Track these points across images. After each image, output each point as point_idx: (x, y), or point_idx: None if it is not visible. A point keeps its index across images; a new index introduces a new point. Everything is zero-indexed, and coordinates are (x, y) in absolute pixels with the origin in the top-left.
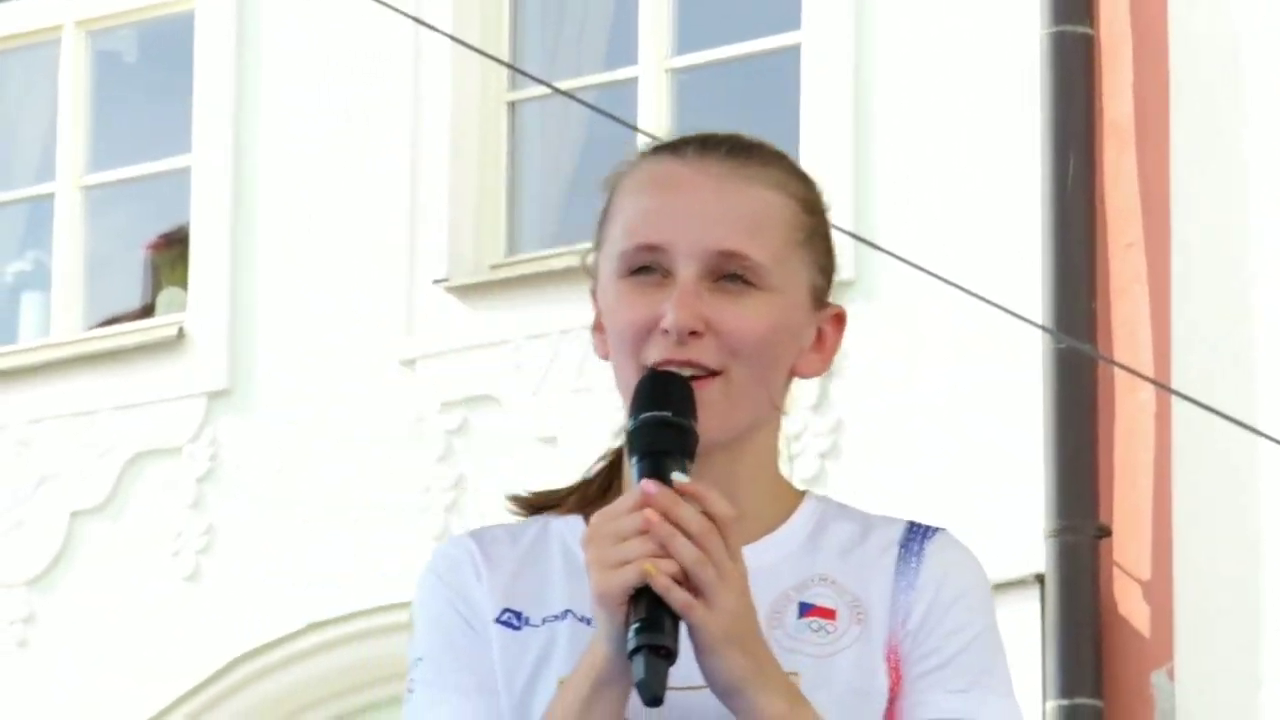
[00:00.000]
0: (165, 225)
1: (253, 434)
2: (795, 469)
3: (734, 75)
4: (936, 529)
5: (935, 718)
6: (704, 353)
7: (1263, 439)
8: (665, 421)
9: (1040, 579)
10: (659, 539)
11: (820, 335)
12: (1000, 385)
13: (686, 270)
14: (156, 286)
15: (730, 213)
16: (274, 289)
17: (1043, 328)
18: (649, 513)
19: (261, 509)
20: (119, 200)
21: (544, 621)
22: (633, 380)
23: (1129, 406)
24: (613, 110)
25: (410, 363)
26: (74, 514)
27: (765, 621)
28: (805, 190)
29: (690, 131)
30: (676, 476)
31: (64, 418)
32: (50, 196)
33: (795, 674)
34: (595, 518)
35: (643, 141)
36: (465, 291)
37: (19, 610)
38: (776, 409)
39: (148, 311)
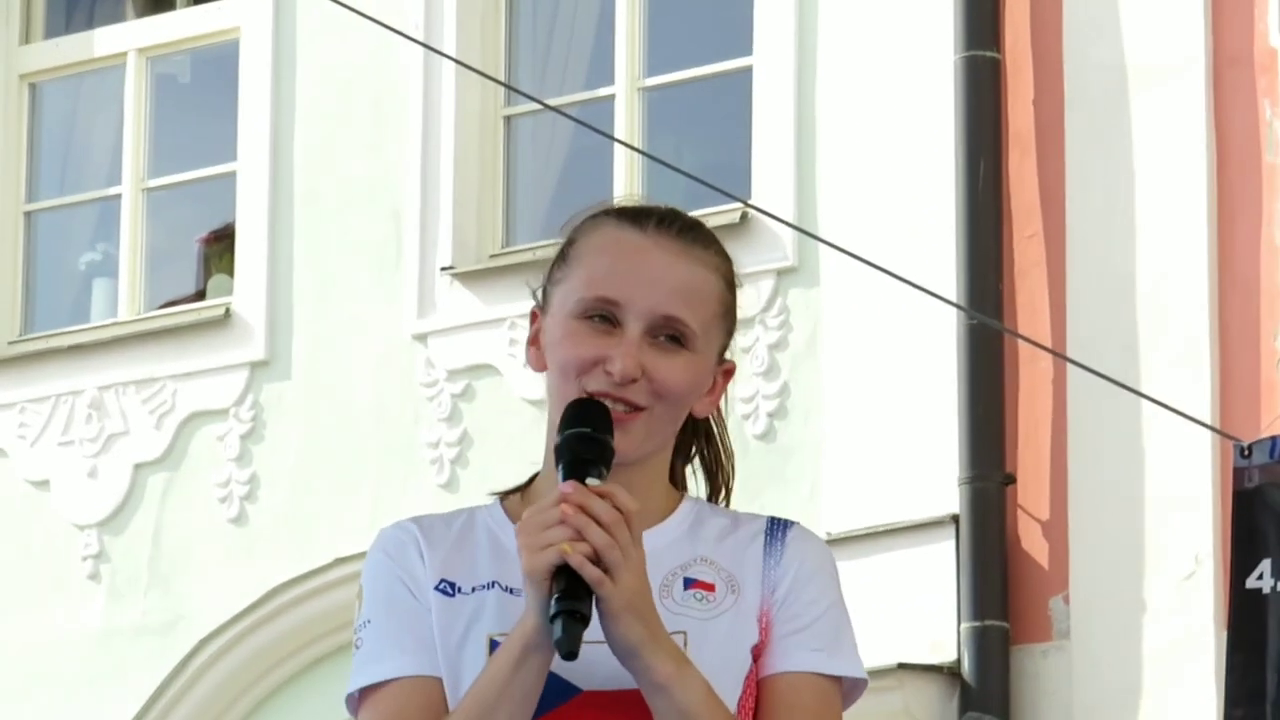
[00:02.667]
0: (215, 222)
1: (289, 398)
2: (747, 428)
3: (696, 93)
4: (792, 522)
5: (800, 669)
6: (636, 394)
7: (1144, 399)
8: (588, 436)
9: (955, 520)
10: (576, 526)
11: (715, 383)
12: (921, 355)
13: (634, 326)
14: (207, 274)
15: (676, 284)
16: (306, 276)
17: (957, 306)
18: (566, 507)
19: (296, 462)
20: (175, 201)
21: (474, 590)
22: (566, 398)
23: (1031, 372)
24: (593, 123)
25: (422, 337)
26: (137, 466)
27: (656, 593)
28: (728, 269)
29: (668, 143)
30: (591, 480)
31: (129, 384)
32: (117, 197)
33: (682, 632)
34: (526, 513)
35: (620, 150)
36: (468, 277)
37: (91, 548)
38: (672, 438)
39: (200, 295)
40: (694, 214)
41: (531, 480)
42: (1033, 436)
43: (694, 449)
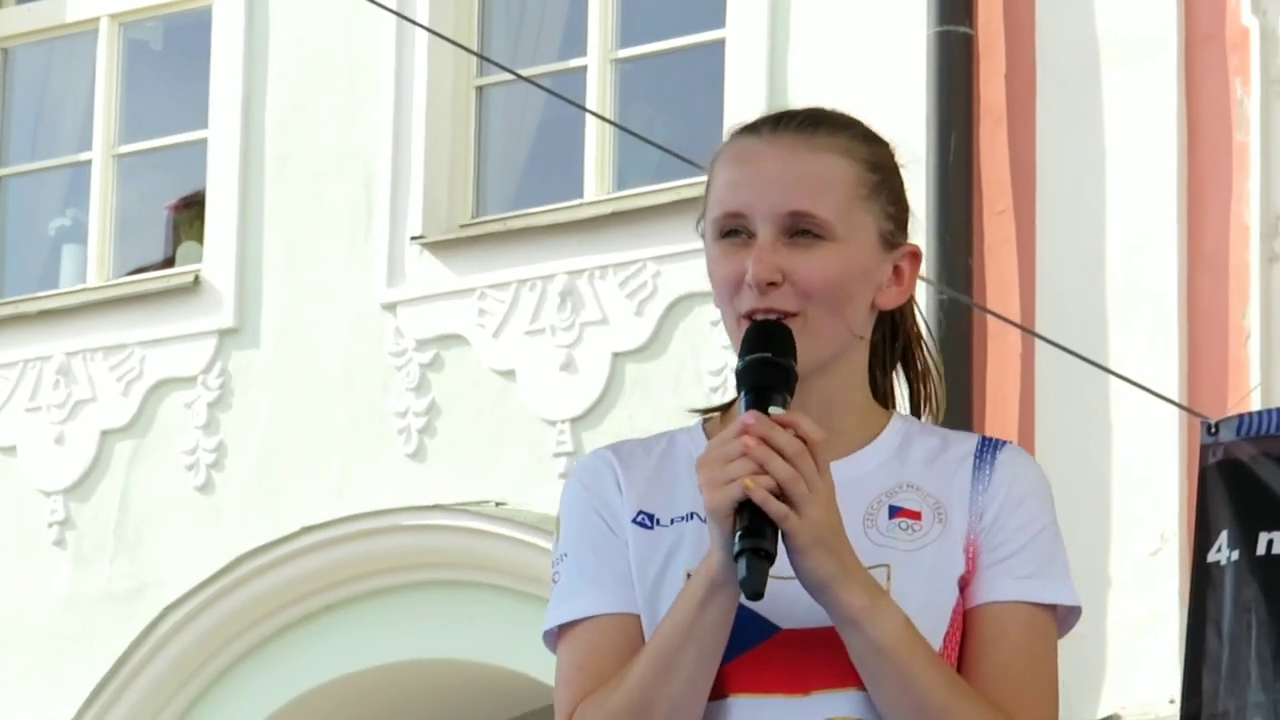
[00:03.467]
0: (185, 189)
1: (257, 366)
2: (717, 399)
3: (669, 65)
4: (1004, 442)
5: (1005, 598)
6: (783, 300)
7: (1112, 376)
8: (767, 361)
9: None
10: (758, 460)
11: (897, 271)
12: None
13: (763, 230)
14: (176, 241)
15: (797, 178)
16: (276, 244)
17: (927, 280)
18: (748, 439)
19: (264, 430)
20: (145, 167)
21: (673, 522)
22: (732, 324)
23: (999, 348)
24: (566, 94)
25: (391, 306)
26: (104, 432)
27: (860, 522)
28: (870, 152)
29: (641, 115)
30: (773, 409)
31: (97, 351)
32: (87, 163)
33: (886, 565)
34: (706, 446)
35: (592, 122)
36: (438, 246)
37: (58, 514)
38: (859, 338)
39: (169, 262)
40: (665, 186)
41: (734, 400)
42: (1001, 412)
43: (894, 356)
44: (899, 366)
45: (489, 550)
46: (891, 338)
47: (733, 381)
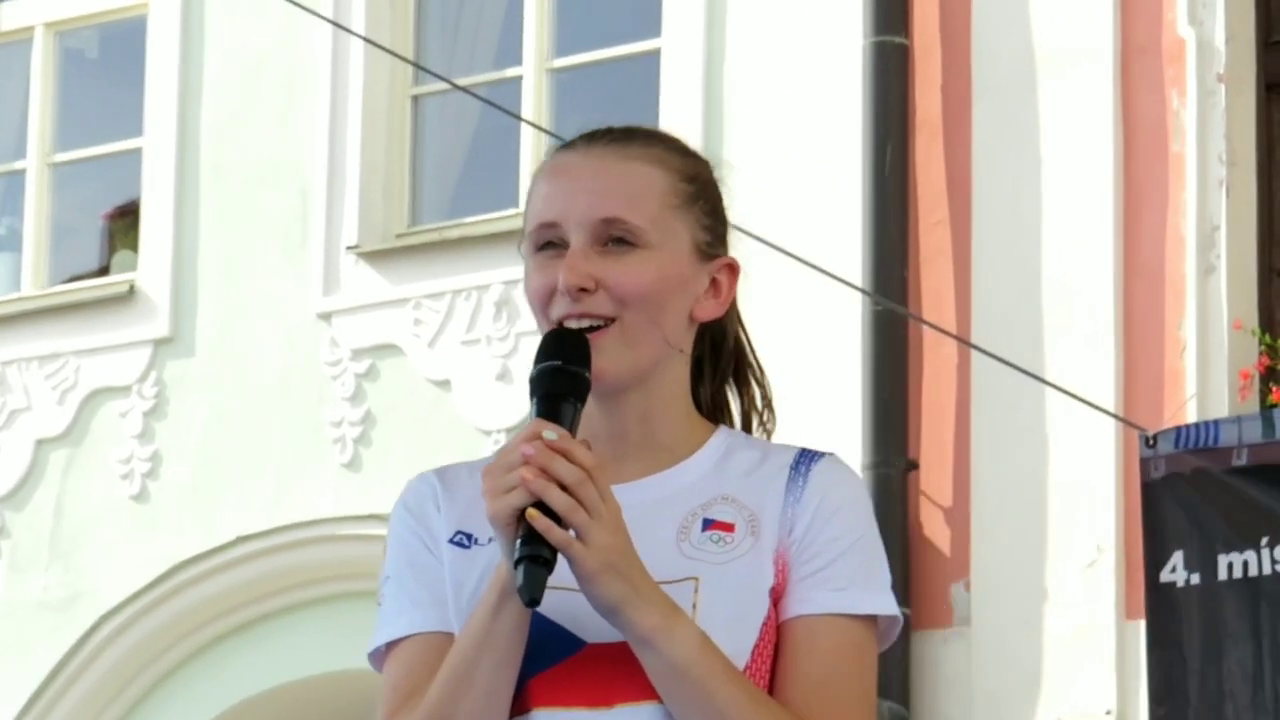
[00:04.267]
0: (120, 198)
1: (192, 375)
2: None
3: (604, 75)
4: (823, 454)
5: (817, 611)
6: (597, 305)
7: (1048, 387)
8: (558, 370)
9: None
10: (535, 492)
11: (714, 283)
12: (827, 340)
13: (576, 238)
14: (112, 250)
15: (609, 187)
16: (211, 253)
17: (863, 291)
18: (525, 471)
19: (199, 439)
20: (80, 176)
21: (489, 541)
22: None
23: (935, 359)
24: (501, 103)
25: (327, 316)
26: (39, 441)
27: (675, 535)
28: (685, 163)
29: (576, 124)
30: (548, 434)
31: (31, 360)
32: (22, 172)
33: (695, 578)
34: (494, 455)
35: (528, 131)
36: (374, 256)
37: None
38: (678, 350)
39: (104, 271)
40: None
41: None
42: (936, 423)
43: (717, 370)
44: (731, 382)
45: None
46: (714, 352)
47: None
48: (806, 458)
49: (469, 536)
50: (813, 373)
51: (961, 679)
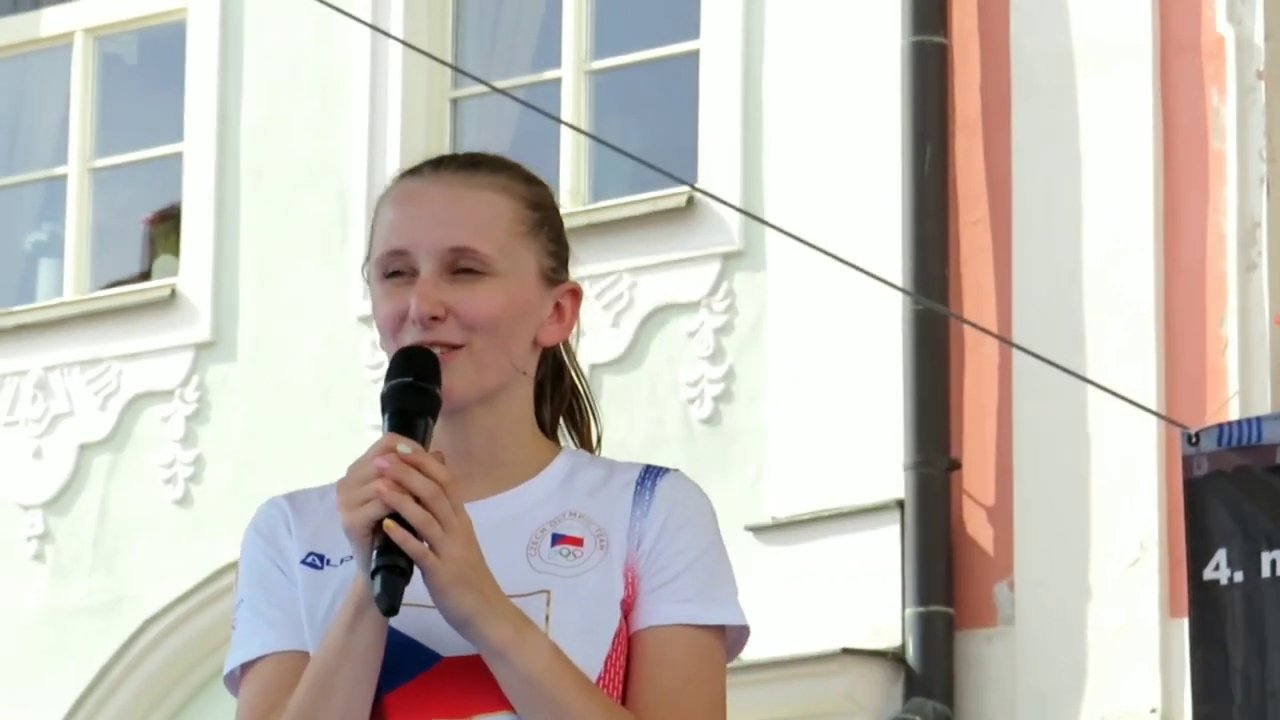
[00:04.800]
0: (160, 202)
1: (234, 379)
2: (693, 412)
3: (643, 76)
4: (669, 470)
5: (666, 622)
6: (447, 333)
7: (1090, 385)
8: (409, 386)
9: (900, 505)
10: (391, 505)
11: (558, 308)
12: (867, 340)
13: (426, 266)
14: (153, 254)
15: (458, 215)
16: (252, 257)
17: (904, 290)
18: (380, 484)
19: (241, 443)
20: (121, 181)
21: (342, 561)
22: None
23: (976, 358)
24: (540, 106)
25: (367, 319)
26: (82, 446)
27: (524, 550)
28: (529, 191)
29: (616, 126)
30: (402, 448)
31: (74, 365)
32: (63, 177)
33: (547, 591)
34: (347, 470)
35: (567, 133)
36: None
37: (36, 528)
38: (522, 372)
39: (145, 276)
40: (640, 198)
41: None
42: (978, 422)
43: (557, 392)
44: (580, 404)
45: None
46: (556, 375)
47: (708, 391)
48: (652, 473)
49: (321, 558)
50: (854, 373)
51: (1005, 678)
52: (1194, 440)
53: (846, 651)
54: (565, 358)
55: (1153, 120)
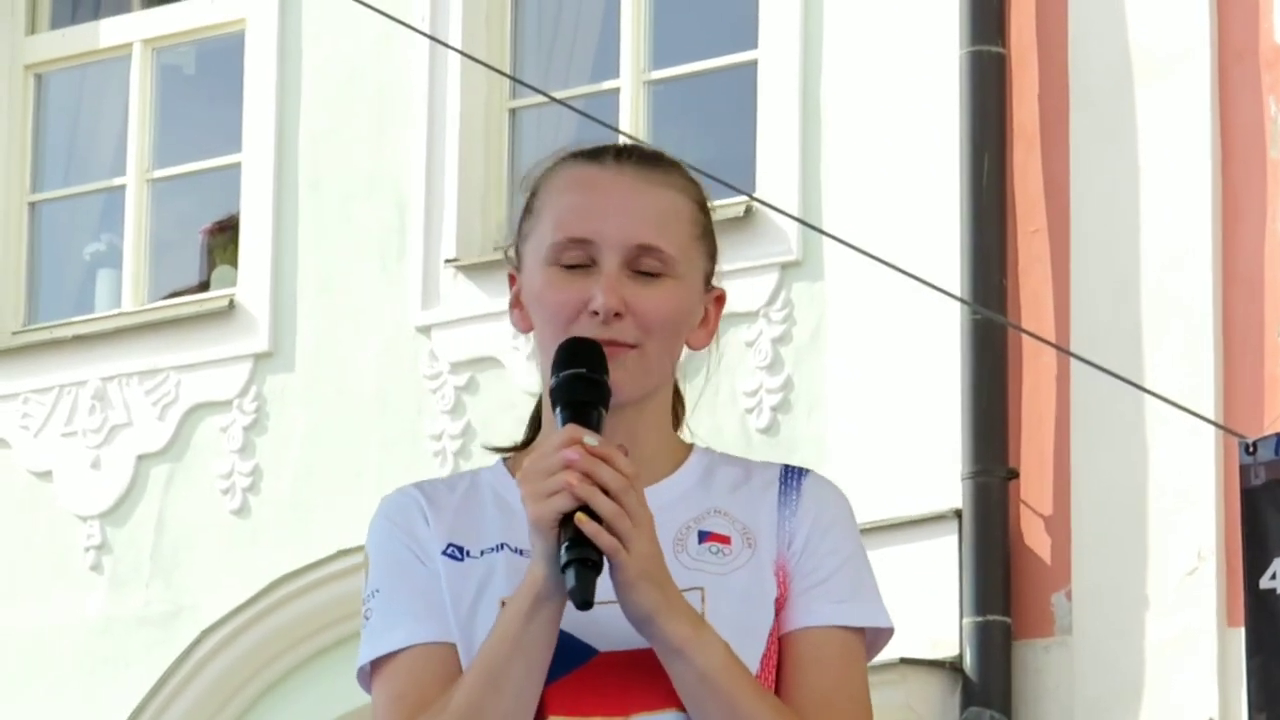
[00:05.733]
0: (219, 213)
1: (292, 390)
2: (751, 421)
3: (702, 86)
4: (807, 470)
5: (823, 623)
6: (624, 331)
7: (1147, 395)
8: (582, 377)
9: (959, 514)
10: (583, 497)
11: (706, 313)
12: (926, 350)
13: (610, 261)
14: (211, 265)
15: (645, 211)
16: (310, 267)
17: (962, 300)
18: (570, 476)
19: (299, 453)
20: (179, 191)
21: (482, 553)
22: (552, 348)
23: (1034, 368)
24: (599, 116)
25: (426, 329)
26: (140, 457)
27: (670, 548)
28: (698, 193)
29: (674, 136)
30: (589, 440)
31: (133, 375)
32: (122, 188)
33: (700, 588)
34: (528, 461)
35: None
36: (472, 270)
37: (94, 539)
38: (672, 375)
39: (204, 286)
40: None
41: (532, 437)
42: (1036, 432)
43: (676, 388)
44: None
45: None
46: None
47: (766, 401)
48: (793, 473)
49: (461, 549)
50: (913, 382)
51: (1063, 688)
52: (1251, 449)
53: (905, 661)
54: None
55: (1210, 129)
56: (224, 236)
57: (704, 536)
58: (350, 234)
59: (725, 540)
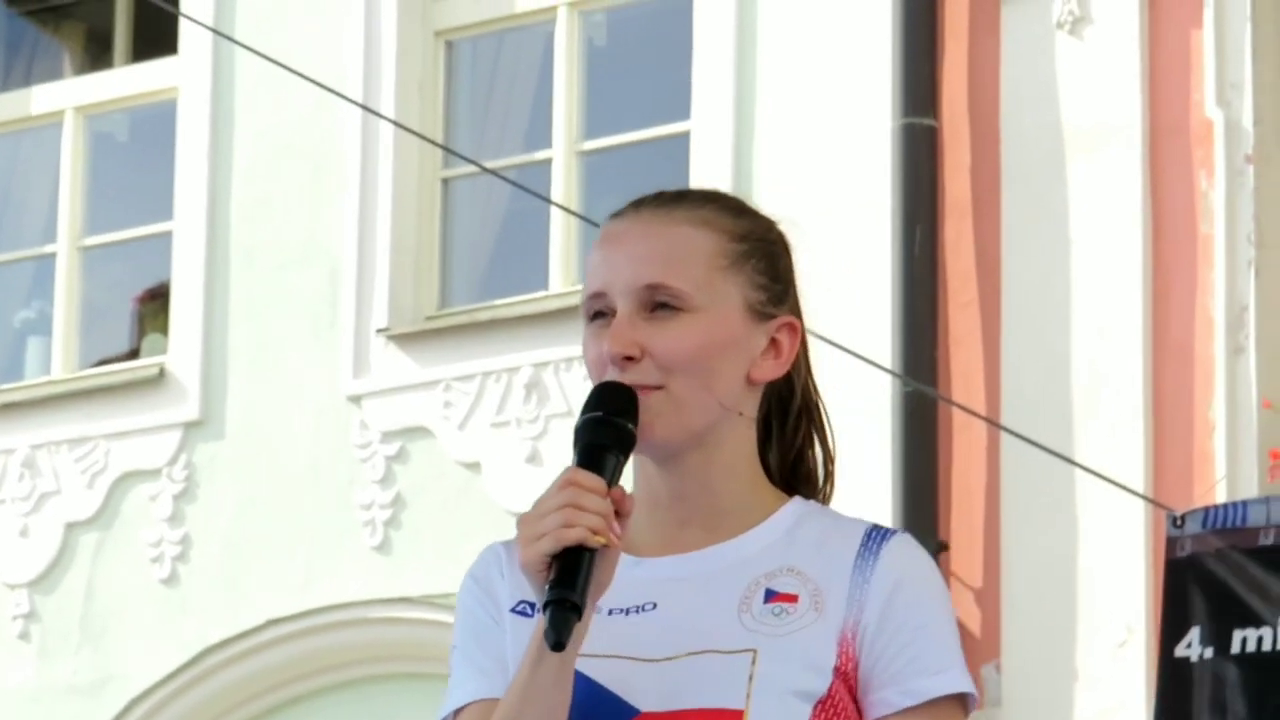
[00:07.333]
0: (150, 281)
1: (222, 458)
2: None
3: (634, 157)
4: (895, 531)
5: (919, 700)
6: (643, 374)
7: (1077, 468)
8: (598, 420)
9: None
10: (567, 540)
11: (774, 343)
12: (857, 422)
13: (621, 306)
14: (142, 333)
15: (651, 252)
16: (241, 336)
17: (893, 373)
18: (557, 517)
19: (229, 523)
20: (110, 259)
21: None
22: None
23: (964, 440)
24: (531, 186)
25: (356, 399)
26: (69, 525)
27: (735, 606)
28: (736, 224)
29: (606, 207)
30: (585, 479)
31: (62, 443)
32: (52, 255)
33: (753, 650)
34: (532, 505)
35: (558, 213)
36: (404, 339)
37: (22, 607)
38: (735, 412)
39: (134, 354)
40: None
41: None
42: (966, 504)
43: (787, 434)
44: (813, 447)
45: None
46: (781, 414)
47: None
48: (877, 535)
49: (531, 605)
50: (843, 453)
51: None
52: (1179, 523)
53: None
54: (793, 395)
55: (1142, 203)
56: (155, 304)
57: (770, 596)
58: (282, 303)
59: (792, 599)
